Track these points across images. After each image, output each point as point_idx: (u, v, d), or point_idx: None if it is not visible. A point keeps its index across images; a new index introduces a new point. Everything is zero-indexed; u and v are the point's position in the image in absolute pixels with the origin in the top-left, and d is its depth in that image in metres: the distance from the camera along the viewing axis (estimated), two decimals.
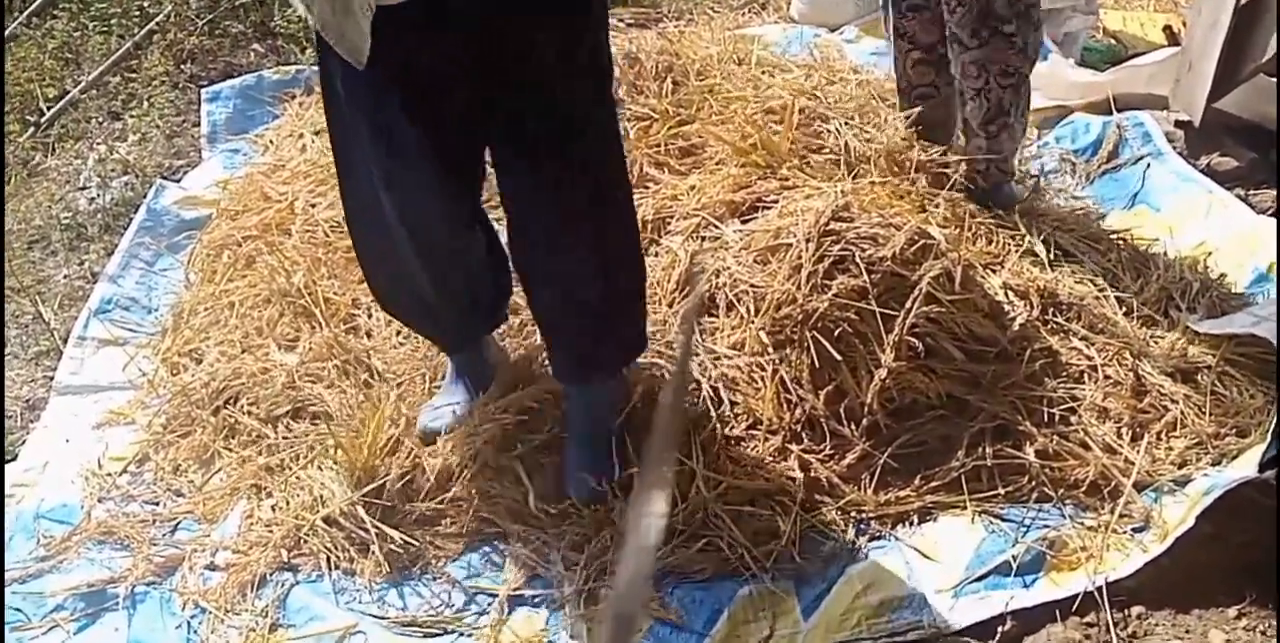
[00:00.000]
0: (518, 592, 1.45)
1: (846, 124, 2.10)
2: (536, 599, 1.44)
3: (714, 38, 2.72)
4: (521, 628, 1.41)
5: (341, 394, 1.66)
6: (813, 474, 1.56)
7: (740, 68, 2.51)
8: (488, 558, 1.50)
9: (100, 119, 2.82)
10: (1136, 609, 1.37)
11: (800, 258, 1.66)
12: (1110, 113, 2.35)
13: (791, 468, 1.56)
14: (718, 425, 1.59)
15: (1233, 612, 1.36)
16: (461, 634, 1.41)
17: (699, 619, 1.40)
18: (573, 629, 1.40)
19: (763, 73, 2.48)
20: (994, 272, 1.82)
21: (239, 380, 1.73)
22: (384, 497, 1.52)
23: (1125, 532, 1.45)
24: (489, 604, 1.44)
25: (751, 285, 1.69)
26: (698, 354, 1.64)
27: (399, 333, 1.82)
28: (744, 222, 1.88)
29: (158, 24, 3.09)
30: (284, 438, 1.63)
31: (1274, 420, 1.50)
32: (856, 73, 2.52)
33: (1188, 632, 1.34)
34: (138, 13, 3.15)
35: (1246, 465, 1.47)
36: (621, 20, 3.21)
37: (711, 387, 1.63)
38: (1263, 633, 1.32)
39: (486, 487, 1.54)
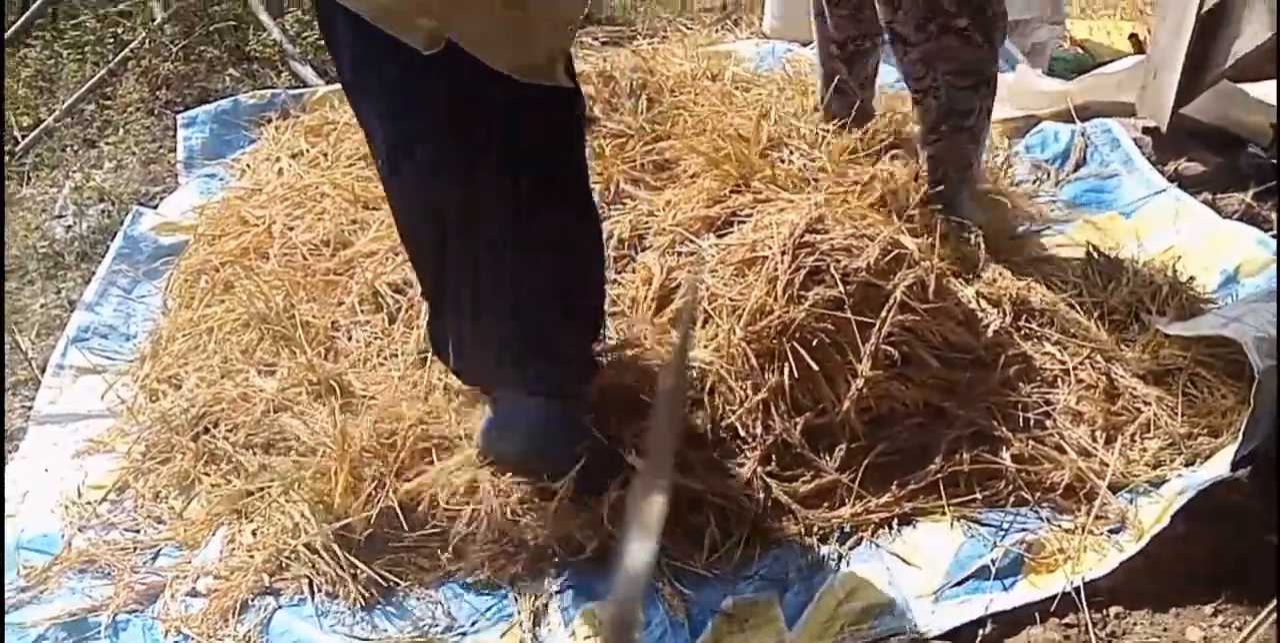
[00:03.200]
0: (502, 607, 1.45)
1: (806, 144, 2.11)
2: (519, 614, 1.45)
3: (687, 54, 2.75)
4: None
5: (315, 427, 1.64)
6: (795, 485, 1.57)
7: (714, 84, 2.54)
8: (471, 578, 1.49)
9: (76, 147, 2.83)
10: (1115, 609, 1.38)
11: (776, 270, 1.68)
12: (1077, 121, 2.38)
13: (772, 478, 1.57)
14: (697, 436, 1.60)
15: (1209, 609, 1.37)
16: None
17: (682, 630, 1.41)
18: (550, 639, 1.41)
19: (736, 88, 2.51)
20: (967, 280, 1.85)
21: (218, 406, 1.72)
22: (360, 531, 1.51)
23: (1102, 533, 1.47)
24: (474, 623, 1.44)
25: (729, 299, 1.71)
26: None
27: (379, 353, 1.83)
28: (719, 236, 1.90)
29: (132, 51, 3.10)
30: (262, 467, 1.62)
31: (1245, 420, 1.52)
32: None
33: (1165, 630, 1.35)
34: (112, 40, 3.17)
35: (1219, 465, 1.48)
36: (596, 38, 3.24)
37: (693, 397, 1.64)
38: (1239, 629, 1.34)
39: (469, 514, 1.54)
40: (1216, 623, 1.35)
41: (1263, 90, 2.30)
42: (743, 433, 1.60)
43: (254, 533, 1.54)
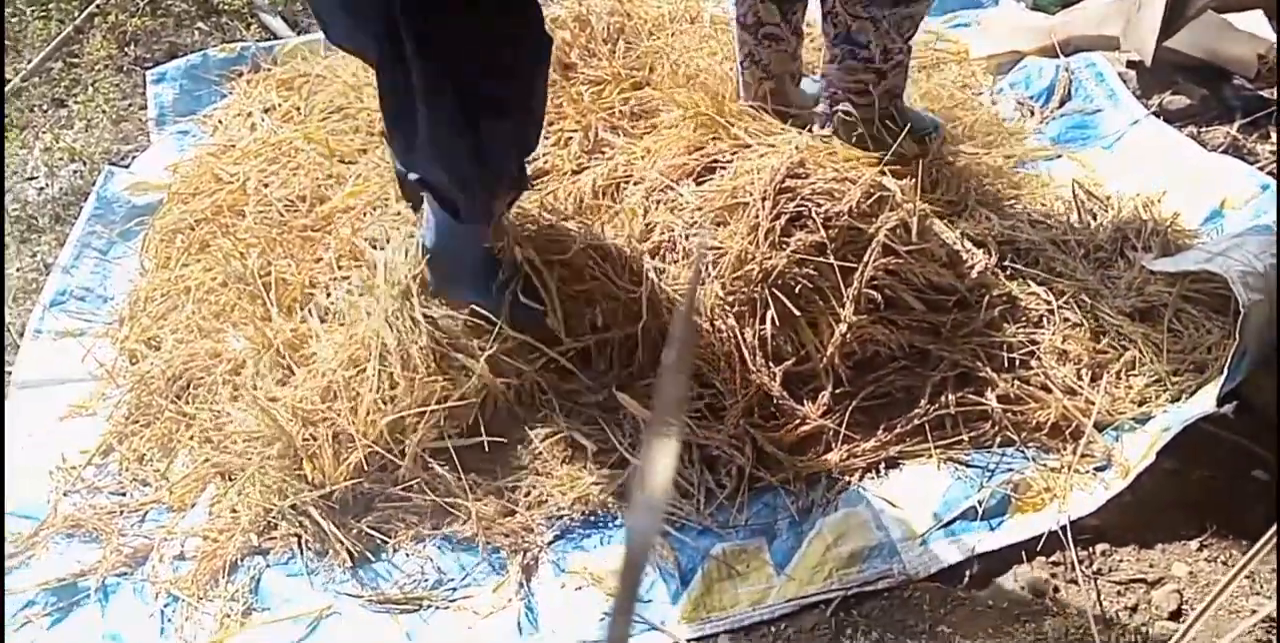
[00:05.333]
0: (492, 560, 1.46)
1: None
2: (509, 567, 1.45)
3: None
4: (493, 598, 1.42)
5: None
6: (781, 433, 1.56)
7: (693, 26, 2.48)
8: (458, 534, 1.49)
9: (44, 107, 2.76)
10: (1101, 546, 1.39)
11: (757, 217, 1.66)
12: (1061, 56, 2.34)
13: (757, 428, 1.56)
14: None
15: (1194, 544, 1.38)
16: (437, 608, 1.42)
17: (673, 579, 1.42)
18: (542, 592, 1.42)
19: (716, 30, 2.46)
20: (951, 222, 1.83)
21: (194, 364, 1.70)
22: (345, 493, 1.50)
23: (1087, 471, 1.47)
24: (463, 577, 1.45)
25: (710, 248, 1.69)
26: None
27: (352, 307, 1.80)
28: (699, 183, 1.87)
29: (98, 7, 3.02)
30: (237, 434, 1.60)
31: (1230, 355, 1.52)
32: (810, 26, 2.50)
33: (1151, 566, 1.36)
34: None
35: (1204, 401, 1.48)
36: None
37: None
38: (1224, 563, 1.35)
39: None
40: (1202, 557, 1.36)
41: (1248, 21, 2.27)
42: (729, 378, 1.59)
43: (239, 493, 1.54)
